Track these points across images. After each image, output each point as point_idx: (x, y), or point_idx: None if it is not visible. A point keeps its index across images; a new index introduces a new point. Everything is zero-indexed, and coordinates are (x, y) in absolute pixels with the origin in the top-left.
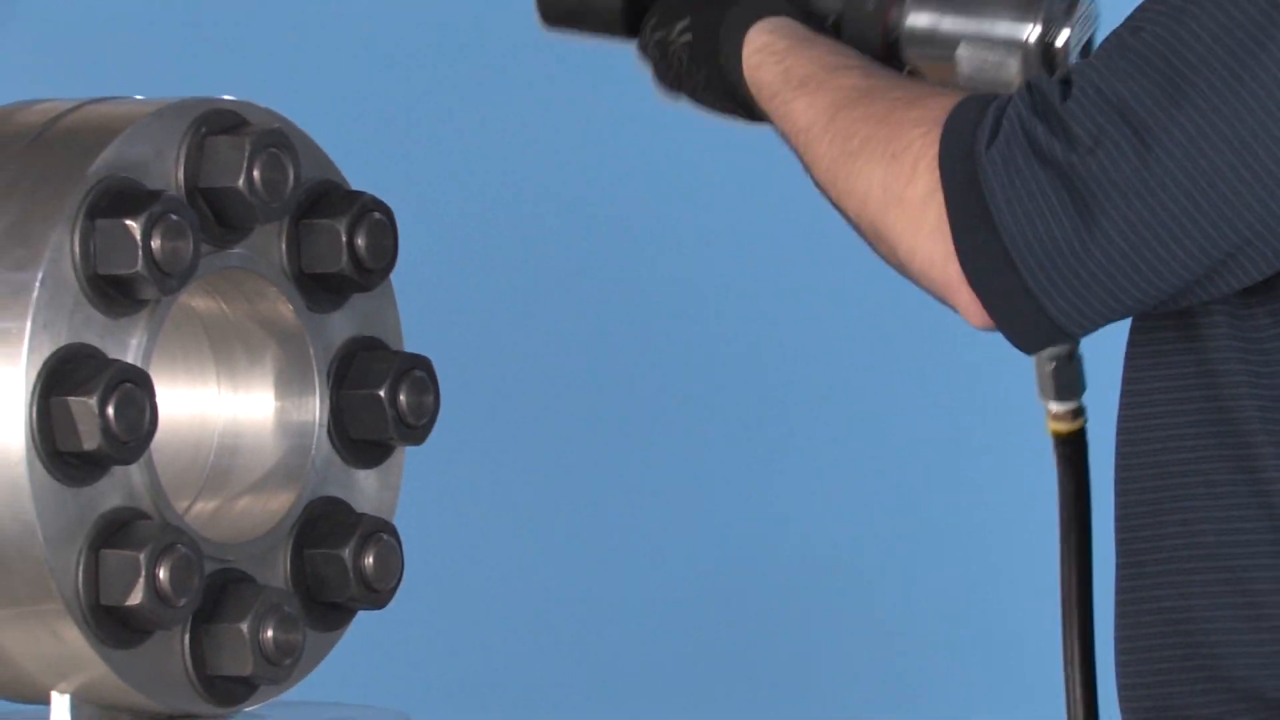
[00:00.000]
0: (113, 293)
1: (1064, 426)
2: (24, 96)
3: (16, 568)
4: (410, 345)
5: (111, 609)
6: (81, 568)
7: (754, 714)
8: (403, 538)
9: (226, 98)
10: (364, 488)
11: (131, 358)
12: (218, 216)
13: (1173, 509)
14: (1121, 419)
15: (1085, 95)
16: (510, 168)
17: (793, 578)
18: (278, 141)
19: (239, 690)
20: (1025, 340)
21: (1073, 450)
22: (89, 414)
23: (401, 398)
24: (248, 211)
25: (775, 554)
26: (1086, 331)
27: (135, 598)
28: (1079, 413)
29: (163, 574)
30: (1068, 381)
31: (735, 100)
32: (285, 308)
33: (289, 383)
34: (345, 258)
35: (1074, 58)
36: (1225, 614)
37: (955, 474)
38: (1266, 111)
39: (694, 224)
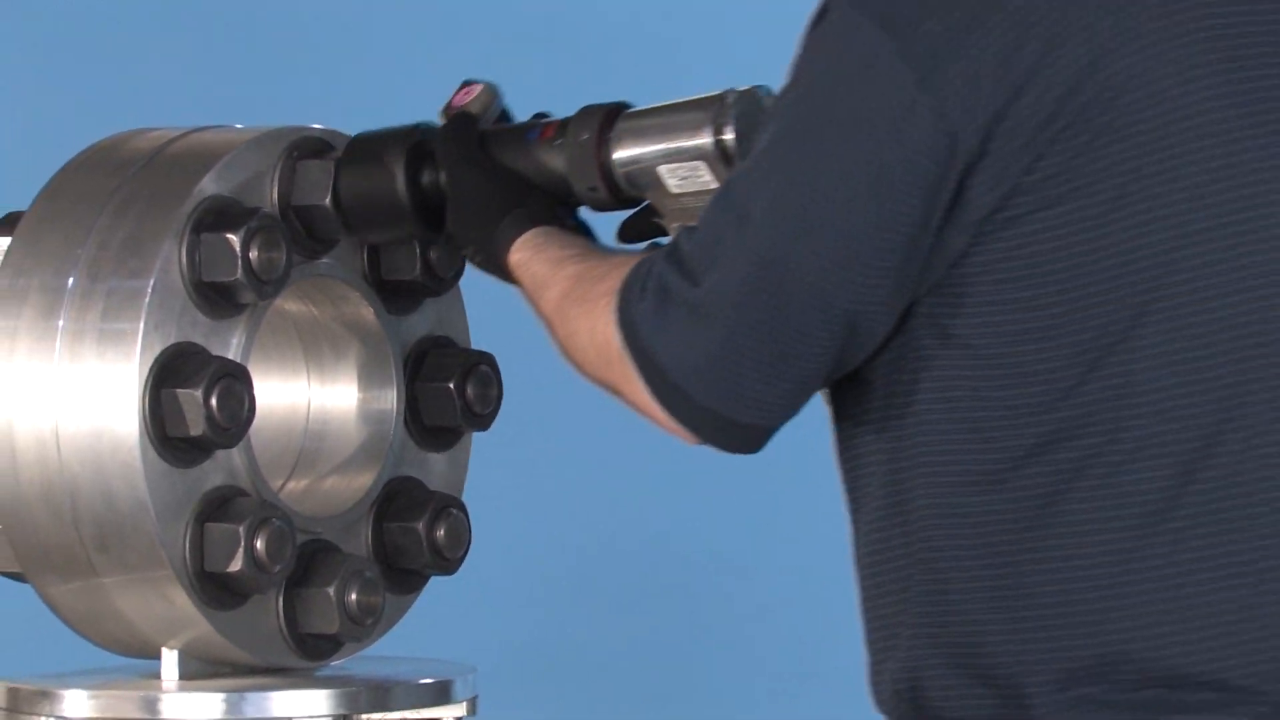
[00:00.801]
0: (215, 298)
1: None
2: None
3: (131, 540)
4: (476, 343)
5: (214, 575)
6: (188, 539)
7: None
8: (470, 511)
9: (315, 126)
10: (435, 468)
11: (232, 354)
12: (308, 230)
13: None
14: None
15: (698, 237)
16: None
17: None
18: None
19: (326, 646)
20: (743, 445)
21: None
22: (195, 404)
23: (469, 389)
24: (334, 226)
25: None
26: (784, 420)
27: (235, 565)
28: None
29: (259, 544)
30: None
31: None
32: (366, 310)
33: (370, 376)
34: (419, 267)
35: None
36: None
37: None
38: (812, 194)
39: None
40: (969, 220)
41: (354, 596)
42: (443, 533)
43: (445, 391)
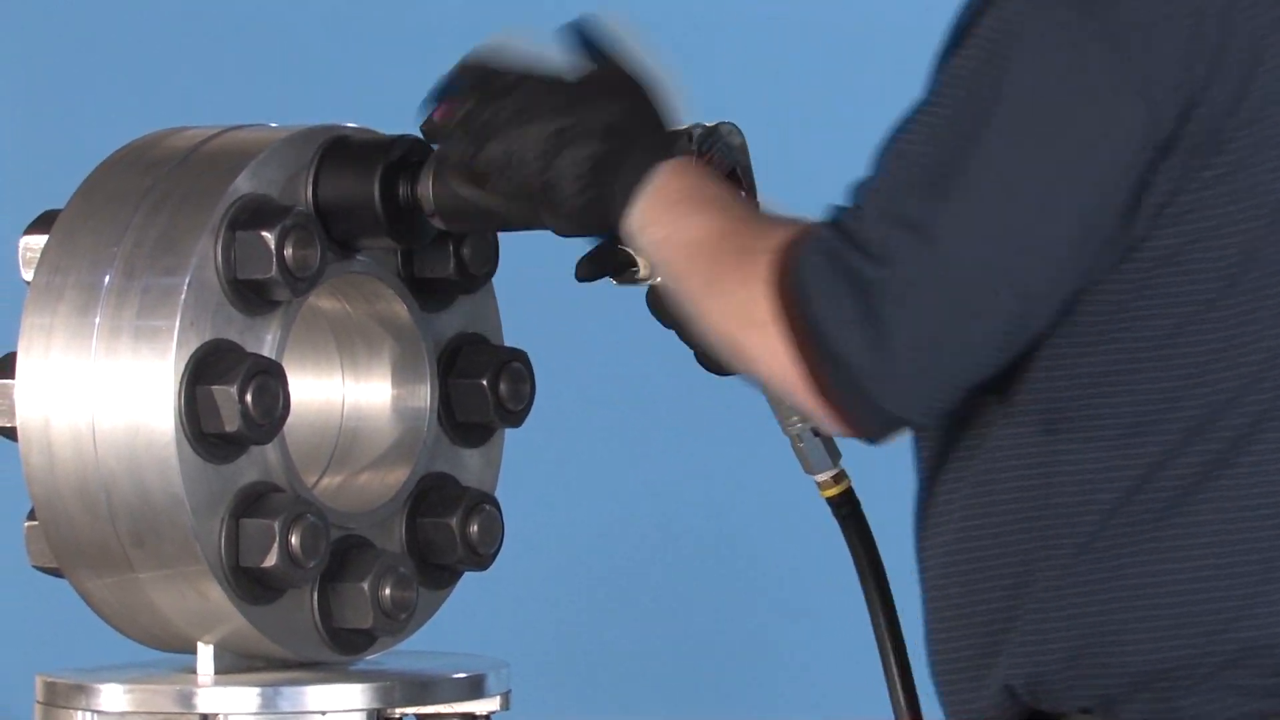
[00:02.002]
0: (250, 295)
1: (831, 491)
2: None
3: (167, 534)
4: (509, 340)
5: (249, 570)
6: (223, 534)
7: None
8: (503, 507)
9: (349, 124)
10: (469, 464)
11: (267, 351)
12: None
13: (944, 522)
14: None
15: (872, 214)
16: None
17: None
18: None
19: (360, 641)
20: (880, 435)
21: (846, 509)
22: (230, 400)
23: (502, 386)
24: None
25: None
26: (932, 419)
27: (270, 560)
28: (840, 477)
29: (294, 540)
30: (816, 454)
31: (594, 220)
32: (400, 308)
33: (404, 373)
34: (452, 265)
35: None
36: (963, 612)
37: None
38: (1010, 189)
39: None
40: (1151, 205)
41: (388, 592)
42: (476, 528)
43: (478, 388)
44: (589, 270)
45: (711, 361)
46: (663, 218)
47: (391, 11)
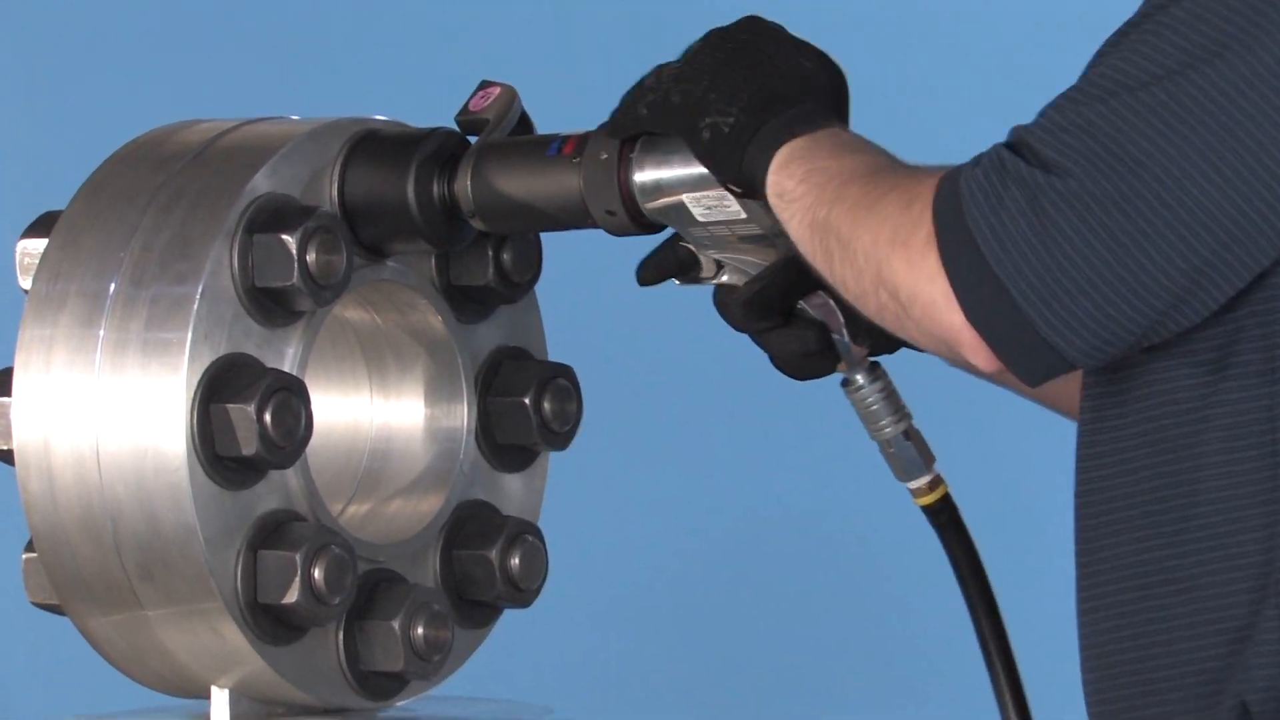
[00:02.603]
0: (270, 304)
1: (926, 499)
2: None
3: (178, 568)
4: (554, 354)
5: (268, 607)
6: (240, 567)
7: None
8: (547, 538)
9: (378, 117)
10: (510, 491)
11: (288, 366)
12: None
13: (1126, 530)
14: (1078, 457)
15: (1052, 122)
16: None
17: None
18: None
19: (390, 685)
20: (1031, 371)
21: (945, 517)
22: (247, 420)
23: (546, 405)
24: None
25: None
26: (1091, 360)
27: (291, 596)
28: (936, 483)
29: (318, 573)
30: (909, 460)
31: (738, 144)
32: (435, 319)
33: (438, 391)
34: (492, 271)
35: None
36: (1182, 623)
37: (969, 470)
38: (1231, 118)
39: None
40: None
41: (420, 631)
42: (517, 561)
43: (520, 407)
44: (652, 274)
45: (789, 364)
46: (819, 152)
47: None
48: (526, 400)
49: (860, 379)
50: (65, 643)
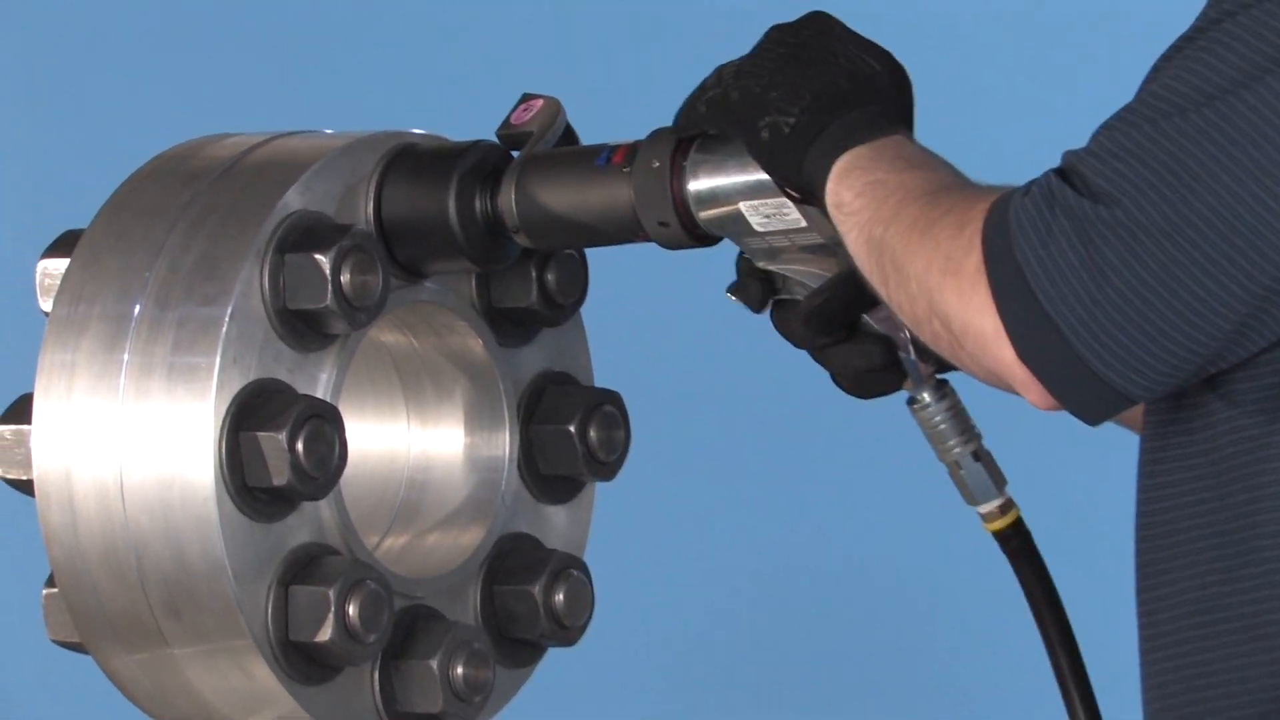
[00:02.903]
0: (302, 327)
1: (998, 524)
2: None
3: (205, 604)
4: (600, 380)
5: (301, 645)
6: (271, 604)
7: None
8: (593, 573)
9: (416, 130)
10: (554, 523)
11: (321, 392)
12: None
13: (1186, 563)
14: (1139, 488)
15: (1102, 147)
16: None
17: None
18: None
19: None
20: (1086, 410)
21: (1017, 543)
22: (278, 449)
23: (592, 433)
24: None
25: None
26: (1148, 395)
27: (325, 634)
28: (1008, 507)
29: (352, 610)
30: (979, 483)
31: (795, 148)
32: (475, 342)
33: (479, 418)
34: (535, 292)
35: None
36: (1239, 661)
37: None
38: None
39: None
40: None
41: (460, 670)
42: (562, 597)
43: (565, 435)
44: (745, 299)
45: (852, 381)
46: (880, 163)
47: (461, 5)
48: (571, 428)
49: (927, 397)
50: (87, 680)
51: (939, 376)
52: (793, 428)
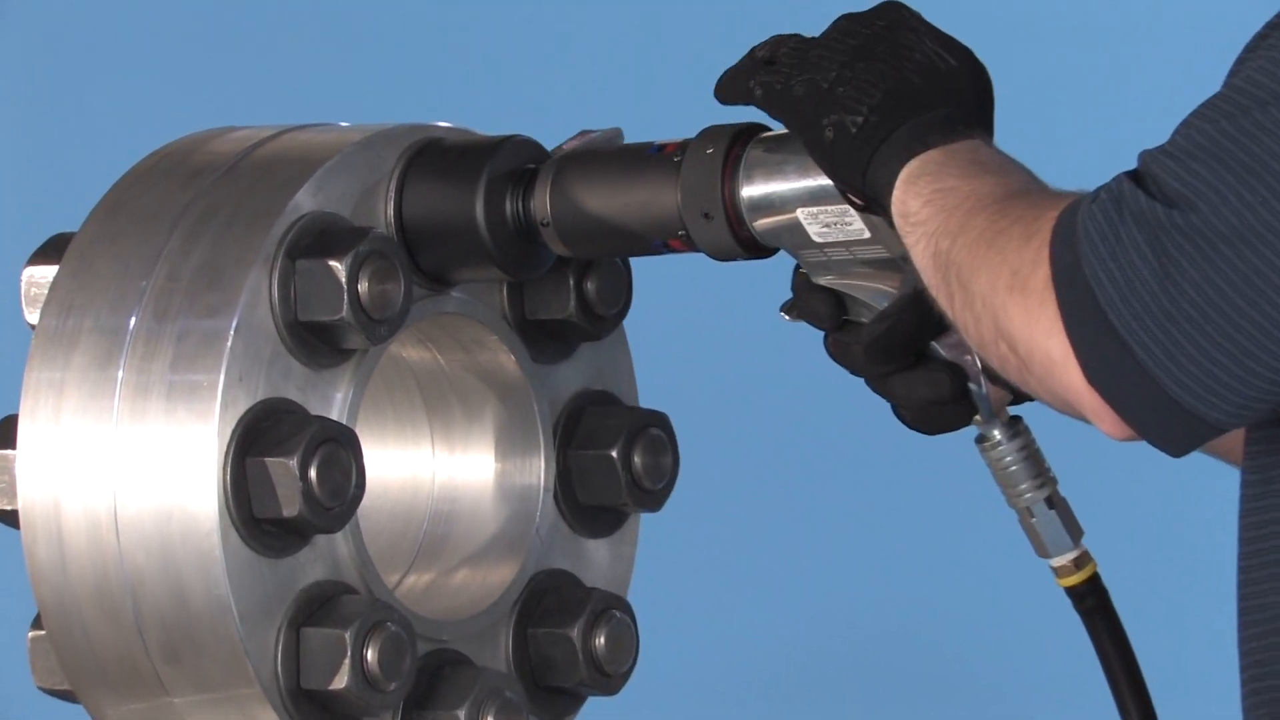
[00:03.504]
0: (315, 341)
1: (1071, 579)
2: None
3: (209, 648)
4: (646, 400)
5: (314, 694)
6: (281, 648)
7: None
8: (638, 614)
9: (441, 124)
10: (594, 559)
11: (336, 414)
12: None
13: None
14: (1241, 526)
15: (1178, 146)
16: None
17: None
18: None
19: None
20: (1166, 439)
21: (1092, 602)
22: (289, 477)
23: (636, 459)
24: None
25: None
26: (1234, 421)
27: (341, 681)
28: (1083, 560)
29: (371, 655)
30: (1052, 533)
31: (861, 152)
32: (507, 358)
33: (511, 442)
34: (574, 303)
35: None
36: None
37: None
38: None
39: None
40: None
41: None
42: (603, 641)
43: (607, 461)
44: (806, 316)
45: (916, 414)
46: (950, 169)
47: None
48: (614, 453)
49: (998, 435)
50: None
51: (1012, 412)
52: (855, 456)
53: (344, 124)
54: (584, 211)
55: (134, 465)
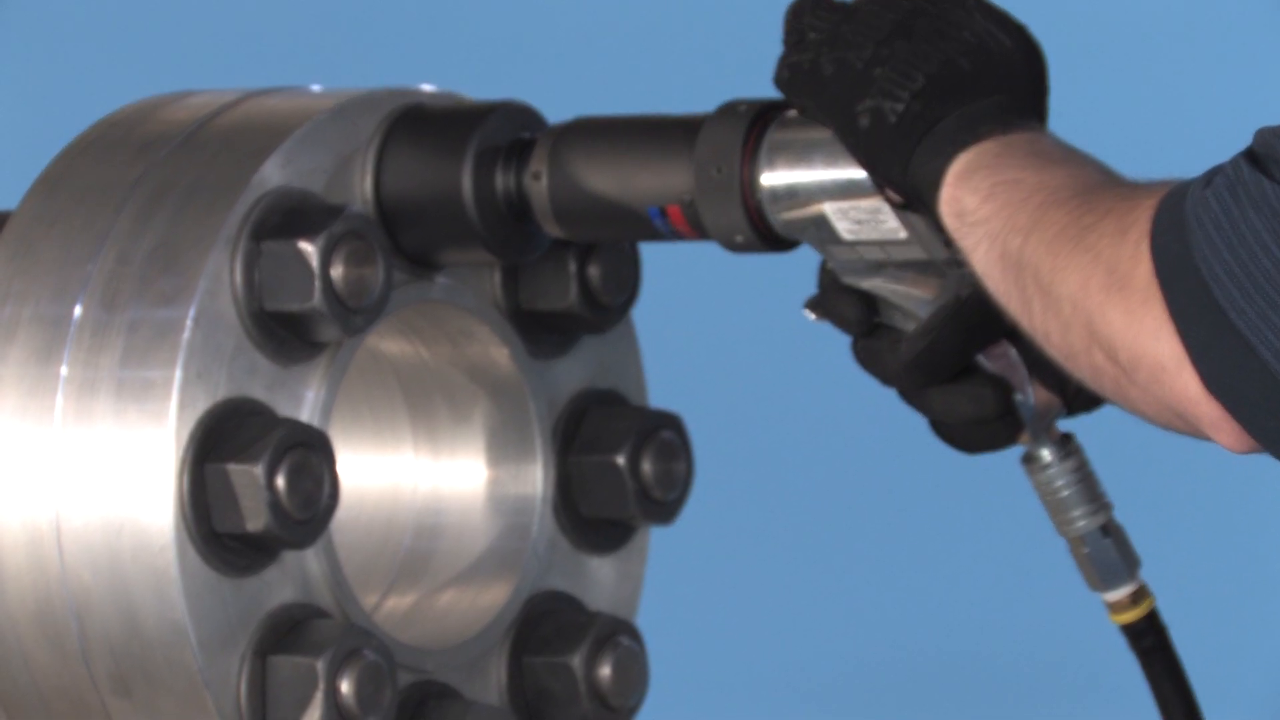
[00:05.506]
0: (283, 333)
1: (1127, 616)
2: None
3: (163, 679)
4: (656, 399)
5: None
6: (245, 679)
7: None
8: (647, 639)
9: (425, 88)
10: (598, 579)
11: (306, 415)
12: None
13: None
14: None
15: None
16: None
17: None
18: None
19: None
20: None
21: (1150, 641)
22: (253, 486)
23: (645, 466)
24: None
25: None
26: None
27: (312, 716)
28: (1140, 595)
29: (345, 687)
30: (1107, 564)
31: (892, 163)
32: (499, 352)
33: (504, 446)
34: (575, 291)
35: None
36: None
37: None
38: None
39: None
40: None
41: None
42: (608, 671)
43: (612, 469)
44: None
45: (957, 431)
46: (1011, 161)
47: None
48: (620, 459)
49: (1047, 454)
50: None
51: (1062, 430)
52: (885, 462)
53: (315, 88)
54: (586, 192)
55: (79, 472)
